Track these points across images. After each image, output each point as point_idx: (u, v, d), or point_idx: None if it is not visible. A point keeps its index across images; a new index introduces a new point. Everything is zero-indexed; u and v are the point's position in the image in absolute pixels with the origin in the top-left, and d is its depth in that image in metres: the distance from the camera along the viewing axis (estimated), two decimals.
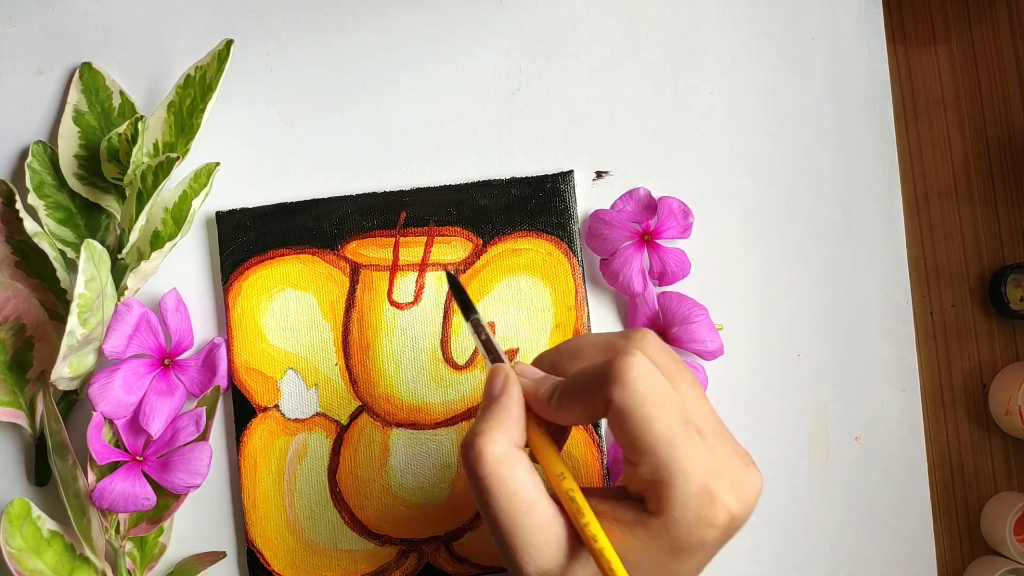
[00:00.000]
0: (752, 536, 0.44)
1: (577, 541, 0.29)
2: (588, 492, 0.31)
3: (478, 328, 0.35)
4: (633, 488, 0.30)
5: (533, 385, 0.32)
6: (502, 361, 0.34)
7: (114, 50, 0.45)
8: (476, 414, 0.34)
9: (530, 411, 0.32)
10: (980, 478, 0.46)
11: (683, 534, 0.28)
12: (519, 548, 0.29)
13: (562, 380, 0.31)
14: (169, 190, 0.43)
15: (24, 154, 0.44)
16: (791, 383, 0.45)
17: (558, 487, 0.30)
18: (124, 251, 0.42)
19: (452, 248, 0.44)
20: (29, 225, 0.40)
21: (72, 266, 0.42)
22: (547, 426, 0.32)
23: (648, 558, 0.28)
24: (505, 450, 0.30)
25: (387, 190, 0.44)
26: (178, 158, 0.40)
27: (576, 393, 0.30)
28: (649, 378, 0.28)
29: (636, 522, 0.29)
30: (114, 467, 0.41)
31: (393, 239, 0.44)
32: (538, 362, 0.34)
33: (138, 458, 0.41)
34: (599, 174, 0.45)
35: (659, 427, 0.28)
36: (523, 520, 0.29)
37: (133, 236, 0.41)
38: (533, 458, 0.31)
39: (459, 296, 0.37)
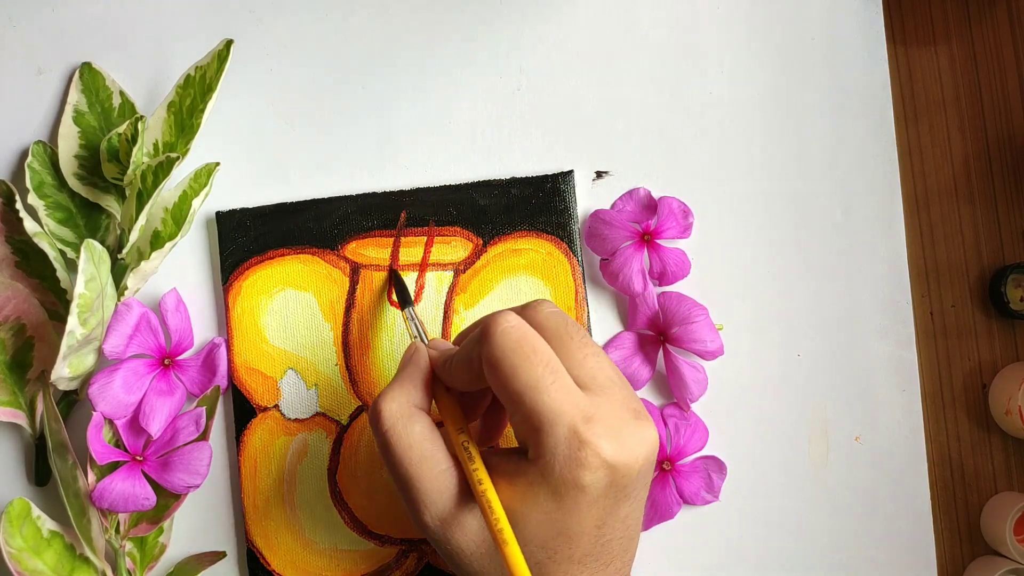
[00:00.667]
0: (752, 536, 0.44)
1: (470, 490, 0.31)
2: (490, 451, 0.33)
3: (413, 317, 0.40)
4: (519, 442, 0.31)
5: (439, 355, 0.35)
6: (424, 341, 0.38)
7: (114, 50, 0.45)
8: None
9: (439, 378, 0.35)
10: (980, 478, 0.46)
11: (556, 476, 0.29)
12: (415, 497, 0.32)
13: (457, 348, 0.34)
14: (169, 190, 0.43)
15: (24, 154, 0.44)
16: (791, 383, 0.45)
17: (454, 439, 0.32)
18: (124, 251, 0.42)
19: (452, 248, 0.44)
20: (29, 225, 0.40)
21: (72, 266, 0.42)
22: (457, 393, 0.35)
23: (534, 507, 0.30)
24: (402, 408, 0.33)
25: (387, 190, 0.44)
26: (178, 158, 0.40)
27: (461, 356, 0.33)
28: (514, 332, 0.30)
29: (519, 471, 0.30)
30: (114, 467, 0.41)
31: (393, 239, 0.44)
32: (458, 336, 0.37)
33: (138, 458, 0.41)
34: (599, 174, 0.45)
35: (524, 376, 0.30)
36: (418, 471, 0.31)
37: (133, 236, 0.41)
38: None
39: (400, 290, 0.42)
